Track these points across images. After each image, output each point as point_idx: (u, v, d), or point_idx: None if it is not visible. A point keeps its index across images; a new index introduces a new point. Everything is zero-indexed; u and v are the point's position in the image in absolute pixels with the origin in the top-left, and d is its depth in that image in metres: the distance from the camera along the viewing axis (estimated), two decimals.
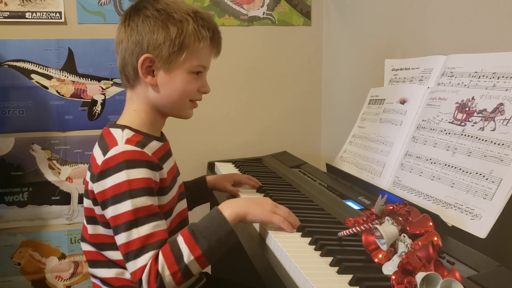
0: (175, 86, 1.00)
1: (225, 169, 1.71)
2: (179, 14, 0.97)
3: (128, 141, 0.95)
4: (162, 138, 1.07)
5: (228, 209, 0.95)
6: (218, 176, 1.40)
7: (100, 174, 0.92)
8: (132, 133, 0.98)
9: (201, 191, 1.34)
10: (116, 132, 0.98)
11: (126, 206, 0.89)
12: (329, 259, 0.85)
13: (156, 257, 0.87)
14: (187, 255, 0.88)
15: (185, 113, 1.06)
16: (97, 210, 0.97)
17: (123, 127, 0.99)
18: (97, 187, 0.92)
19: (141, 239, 0.88)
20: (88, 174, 0.99)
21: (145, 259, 0.87)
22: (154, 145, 1.01)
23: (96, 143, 1.00)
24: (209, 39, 1.00)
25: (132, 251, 0.88)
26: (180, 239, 0.90)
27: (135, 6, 1.01)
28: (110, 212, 0.91)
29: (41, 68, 1.80)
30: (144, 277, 0.86)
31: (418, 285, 0.69)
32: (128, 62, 1.00)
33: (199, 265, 0.90)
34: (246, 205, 0.98)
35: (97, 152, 0.97)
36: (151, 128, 1.03)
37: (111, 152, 0.92)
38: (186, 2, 1.03)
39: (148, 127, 1.02)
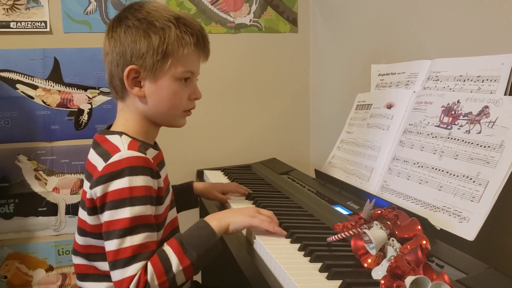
0: (162, 95, 0.99)
1: (214, 177, 1.70)
2: (161, 22, 0.96)
3: (130, 147, 0.94)
4: (156, 146, 1.07)
5: (214, 220, 0.96)
6: (206, 184, 1.39)
7: (103, 178, 0.90)
8: (130, 139, 0.97)
9: (187, 198, 1.33)
10: (114, 138, 0.96)
11: (124, 213, 0.88)
12: (319, 264, 0.84)
13: (145, 268, 0.86)
14: (176, 265, 0.88)
15: (177, 123, 1.05)
16: (90, 220, 0.95)
17: (120, 133, 0.98)
18: (98, 191, 0.90)
19: (133, 248, 0.87)
20: (87, 184, 0.96)
21: (135, 269, 0.86)
22: (151, 152, 1.00)
23: (92, 151, 0.98)
24: (193, 44, 0.98)
25: (122, 259, 0.86)
26: (168, 250, 0.89)
27: (118, 17, 1.00)
28: (106, 216, 0.89)
29: (26, 78, 1.78)
30: (132, 287, 0.85)
31: None
32: (115, 74, 0.99)
33: (184, 276, 0.89)
34: (229, 215, 1.00)
35: (95, 159, 0.95)
36: (146, 137, 1.02)
37: (115, 158, 0.91)
38: (170, 7, 1.02)
39: (143, 136, 1.01)
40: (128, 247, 0.87)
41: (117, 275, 0.87)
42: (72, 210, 1.84)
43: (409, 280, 0.70)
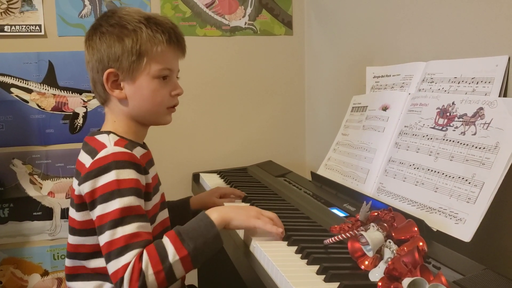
0: (143, 94, 1.02)
1: (210, 179, 1.70)
2: (132, 24, 1.00)
3: (116, 143, 0.98)
4: (145, 146, 1.10)
5: (215, 213, 0.97)
6: (203, 194, 1.40)
7: (91, 174, 0.93)
8: (118, 137, 1.01)
9: (182, 215, 1.31)
10: (102, 137, 1.00)
11: (114, 204, 0.90)
12: (316, 267, 0.84)
13: (140, 256, 0.87)
14: (172, 255, 0.88)
15: (162, 120, 1.08)
16: (78, 216, 0.97)
17: (108, 132, 1.01)
18: (86, 187, 0.93)
19: (125, 238, 0.88)
20: (75, 182, 0.99)
21: (128, 257, 0.87)
22: (139, 151, 1.03)
23: (81, 151, 1.01)
24: (166, 41, 1.02)
25: (115, 250, 0.88)
26: (165, 239, 0.91)
27: (93, 26, 1.05)
28: (98, 211, 0.91)
29: (21, 81, 1.77)
30: (126, 275, 0.85)
31: None
32: (97, 80, 1.03)
33: (183, 267, 0.89)
34: (231, 211, 1.00)
35: (84, 157, 0.98)
36: (134, 137, 1.06)
37: (101, 154, 0.94)
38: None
39: (131, 135, 1.05)
40: (120, 237, 0.88)
41: (112, 266, 0.88)
42: (67, 214, 1.82)
43: (406, 282, 0.70)
